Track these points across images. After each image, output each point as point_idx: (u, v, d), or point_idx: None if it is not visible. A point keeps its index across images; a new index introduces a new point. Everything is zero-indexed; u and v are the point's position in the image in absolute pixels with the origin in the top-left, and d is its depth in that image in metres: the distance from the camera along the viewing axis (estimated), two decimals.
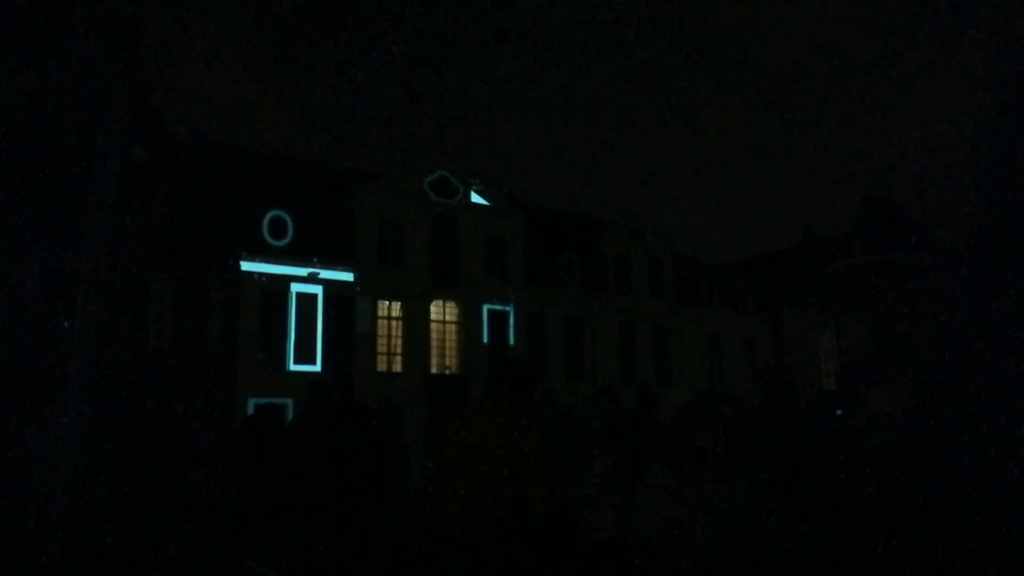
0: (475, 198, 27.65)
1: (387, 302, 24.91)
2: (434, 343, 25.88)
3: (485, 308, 26.84)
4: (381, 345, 24.67)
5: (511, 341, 26.93)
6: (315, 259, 23.26)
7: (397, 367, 24.76)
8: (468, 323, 26.40)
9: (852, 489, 3.32)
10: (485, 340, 26.53)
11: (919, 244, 36.07)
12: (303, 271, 23.01)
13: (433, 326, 25.99)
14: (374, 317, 24.49)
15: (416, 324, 25.31)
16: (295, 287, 22.91)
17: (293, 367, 22.27)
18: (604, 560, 4.02)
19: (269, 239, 22.73)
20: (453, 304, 26.42)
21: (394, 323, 25.06)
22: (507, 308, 27.16)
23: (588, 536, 4.16)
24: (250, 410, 18.05)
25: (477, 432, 3.18)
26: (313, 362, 22.73)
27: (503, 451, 3.02)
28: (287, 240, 23.01)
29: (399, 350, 24.96)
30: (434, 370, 25.56)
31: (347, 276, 23.95)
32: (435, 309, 26.13)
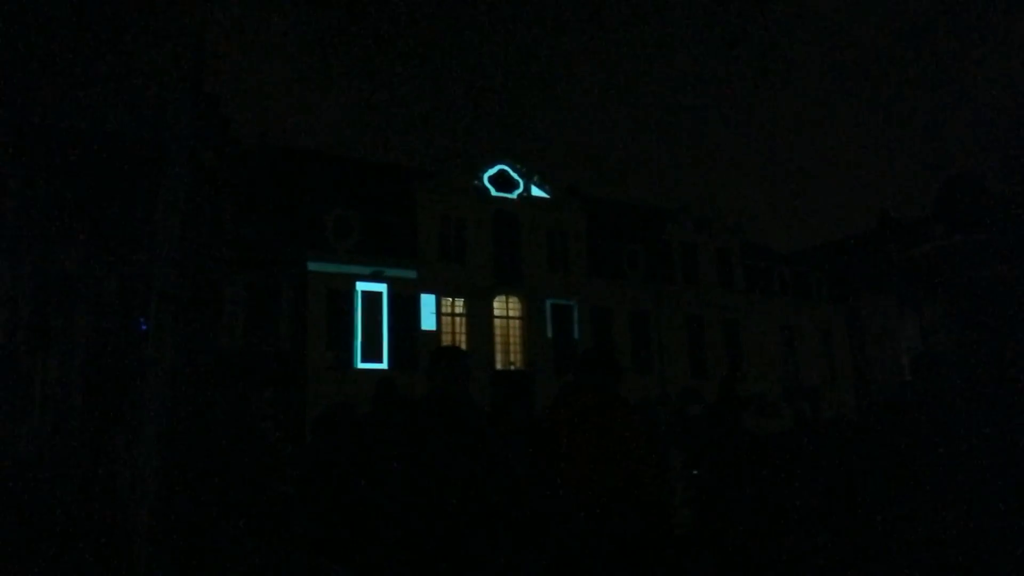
0: (536, 192, 27.41)
1: (451, 299, 24.94)
2: (498, 339, 25.79)
3: (549, 303, 26.61)
4: (446, 341, 24.71)
5: (576, 336, 26.60)
6: (379, 258, 23.46)
7: None
8: (532, 318, 26.20)
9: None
10: (549, 335, 26.28)
11: (1007, 225, 34.07)
12: (368, 270, 23.23)
13: (497, 322, 25.90)
14: (438, 314, 24.55)
15: (480, 320, 25.26)
16: (360, 286, 23.16)
17: (361, 365, 22.51)
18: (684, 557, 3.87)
19: (334, 239, 23.02)
20: (516, 299, 26.27)
21: (458, 320, 25.08)
22: (571, 303, 26.85)
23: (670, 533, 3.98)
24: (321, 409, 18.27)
25: (592, 422, 3.16)
26: (380, 360, 22.93)
27: (619, 443, 3.04)
28: (352, 240, 23.27)
29: (464, 346, 24.96)
30: (499, 366, 25.46)
31: (410, 274, 24.07)
32: (498, 305, 26.03)
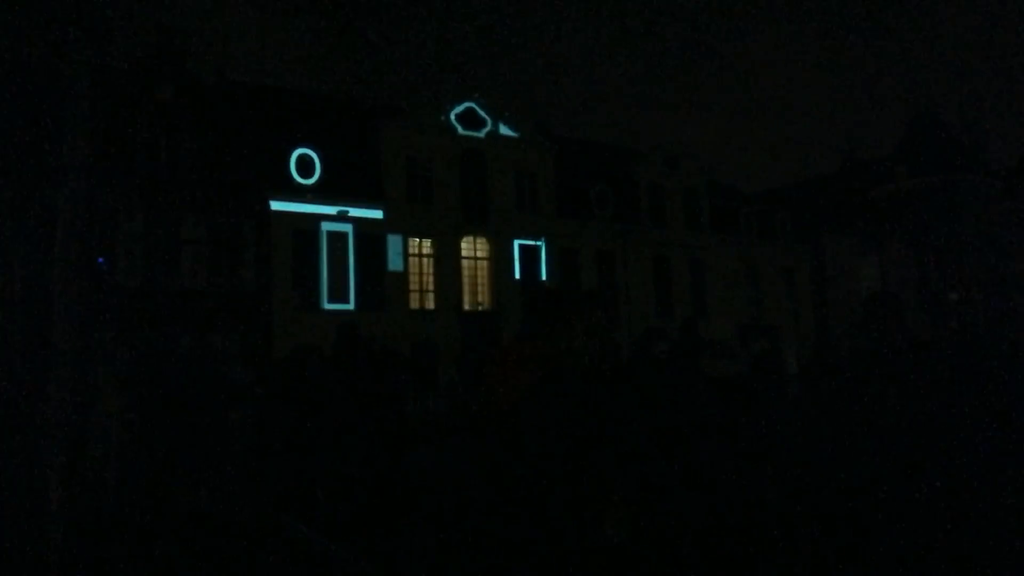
0: (504, 130, 27.00)
1: (418, 239, 24.73)
2: (466, 280, 25.77)
3: (516, 243, 26.55)
4: (413, 283, 24.62)
5: (543, 276, 26.68)
6: (344, 197, 23.05)
7: (430, 304, 24.75)
8: (499, 259, 26.17)
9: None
10: (517, 276, 26.32)
11: (968, 165, 34.59)
12: (332, 210, 22.84)
13: (464, 262, 25.82)
14: (405, 255, 24.37)
15: (447, 261, 25.16)
16: (325, 226, 22.80)
17: (327, 306, 22.36)
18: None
19: (298, 178, 22.52)
20: (484, 240, 26.16)
21: (425, 260, 24.94)
22: (538, 243, 26.82)
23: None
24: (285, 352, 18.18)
25: (514, 362, 3.09)
26: (347, 301, 22.79)
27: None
28: (315, 179, 22.78)
29: (431, 287, 24.91)
30: (467, 307, 25.51)
31: (377, 214, 23.75)
32: (466, 245, 25.91)
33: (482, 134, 26.38)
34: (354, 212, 23.23)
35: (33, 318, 2.12)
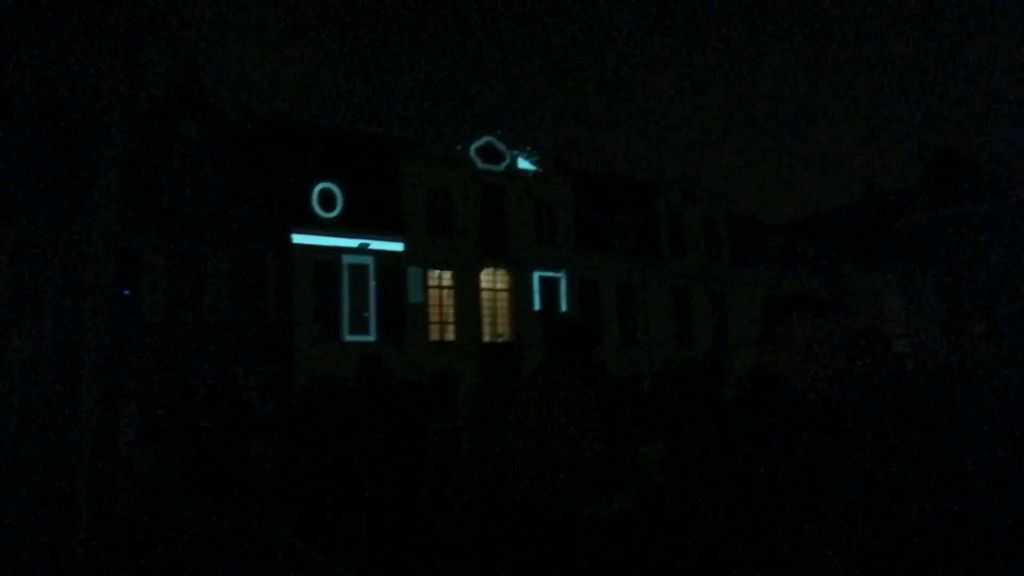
0: (523, 164, 27.23)
1: (437, 271, 24.86)
2: (486, 311, 25.79)
3: (536, 275, 26.60)
4: (433, 314, 24.68)
5: (563, 308, 26.64)
6: (365, 230, 23.29)
7: (450, 336, 24.78)
8: (519, 290, 26.20)
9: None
10: (536, 307, 26.30)
11: (992, 196, 34.23)
12: (353, 242, 23.08)
13: (484, 294, 25.87)
14: (425, 286, 24.49)
15: (467, 293, 25.23)
16: (346, 258, 23.02)
17: (348, 338, 22.46)
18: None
19: (319, 211, 22.81)
20: (503, 271, 26.23)
21: (445, 292, 25.03)
22: (558, 275, 26.85)
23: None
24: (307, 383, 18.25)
25: (541, 401, 3.14)
26: (367, 333, 22.89)
27: (567, 418, 3.00)
28: (337, 212, 23.07)
29: (451, 319, 24.95)
30: (487, 338, 25.49)
31: (397, 246, 23.94)
32: (486, 277, 25.98)
33: (501, 168, 26.62)
34: (375, 245, 23.45)
35: (65, 345, 2.14)
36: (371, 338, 22.71)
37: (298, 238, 22.28)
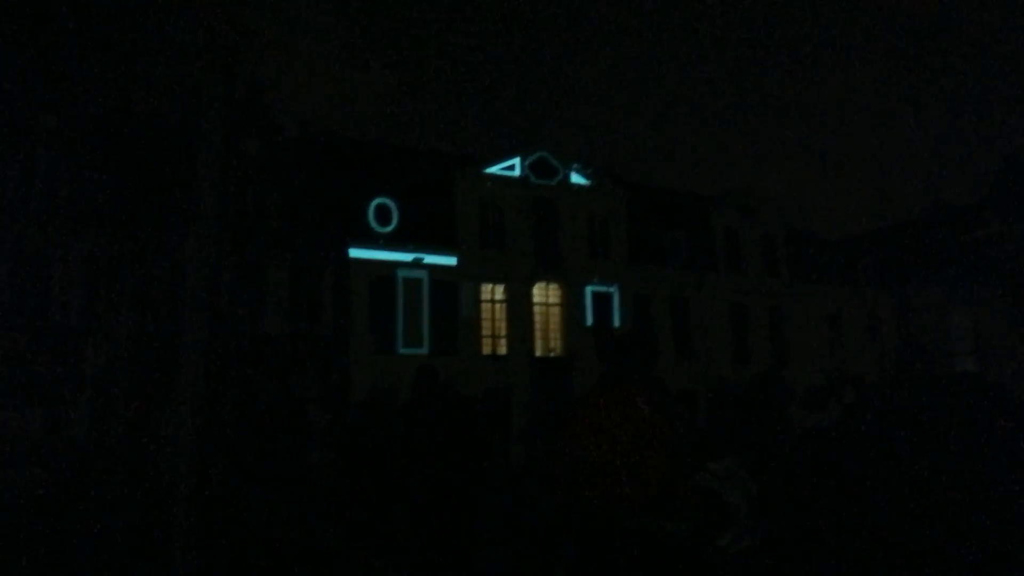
0: (575, 178, 27.24)
1: (490, 285, 25.00)
2: (538, 326, 25.78)
3: (588, 290, 26.48)
4: (486, 328, 24.80)
5: (615, 323, 26.44)
6: (420, 245, 23.63)
7: (502, 350, 24.84)
8: (571, 305, 26.12)
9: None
10: (589, 322, 26.18)
11: None
12: (408, 257, 23.43)
13: (536, 309, 25.88)
14: (478, 301, 24.64)
15: (519, 307, 25.28)
16: (401, 273, 23.38)
17: (402, 351, 22.75)
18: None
19: (375, 226, 23.25)
20: (556, 286, 26.21)
21: (498, 306, 25.14)
22: (611, 289, 26.68)
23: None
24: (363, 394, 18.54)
25: (601, 415, 3.12)
26: (421, 346, 23.14)
27: (630, 433, 2.99)
28: (392, 227, 23.47)
29: (503, 333, 25.02)
30: (538, 353, 25.47)
31: (451, 260, 24.19)
32: (538, 292, 26.00)
33: (554, 182, 26.68)
34: (429, 259, 23.75)
35: (138, 356, 2.25)
36: (424, 351, 22.95)
37: (355, 252, 22.73)
